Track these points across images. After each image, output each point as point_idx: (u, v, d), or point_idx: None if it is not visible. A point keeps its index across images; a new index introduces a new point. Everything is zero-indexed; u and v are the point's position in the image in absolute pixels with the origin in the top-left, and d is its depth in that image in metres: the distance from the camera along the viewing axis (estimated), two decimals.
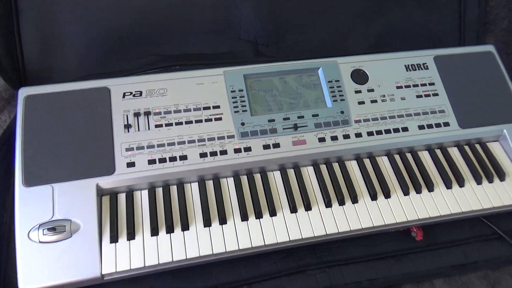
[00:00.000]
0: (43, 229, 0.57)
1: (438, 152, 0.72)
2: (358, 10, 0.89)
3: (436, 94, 0.74)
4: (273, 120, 0.68)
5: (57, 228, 0.57)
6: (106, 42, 0.78)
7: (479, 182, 0.69)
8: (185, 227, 0.60)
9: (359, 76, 0.74)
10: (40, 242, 0.57)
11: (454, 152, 0.73)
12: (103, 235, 0.59)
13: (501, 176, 0.70)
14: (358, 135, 0.69)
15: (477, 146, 0.74)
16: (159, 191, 0.64)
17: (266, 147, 0.66)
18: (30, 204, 0.59)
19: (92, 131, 0.64)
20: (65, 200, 0.59)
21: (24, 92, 0.65)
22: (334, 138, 0.68)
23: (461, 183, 0.69)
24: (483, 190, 0.69)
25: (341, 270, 0.66)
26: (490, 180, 0.70)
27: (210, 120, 0.67)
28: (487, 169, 0.71)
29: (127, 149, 0.63)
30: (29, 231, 0.57)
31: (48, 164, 0.61)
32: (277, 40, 0.85)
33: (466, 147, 0.73)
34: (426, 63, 0.77)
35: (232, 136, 0.66)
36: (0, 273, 0.60)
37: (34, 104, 0.64)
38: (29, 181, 0.60)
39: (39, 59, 0.77)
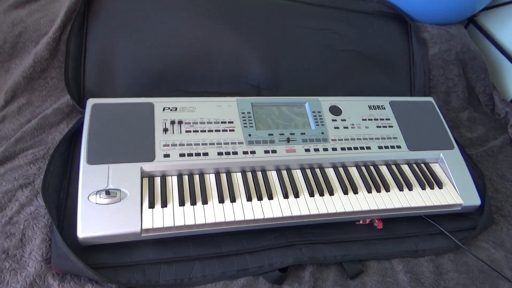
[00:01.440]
0: (100, 194, 0.77)
1: (394, 167, 0.96)
2: (337, 72, 1.18)
3: (391, 126, 1.01)
4: (272, 134, 0.92)
5: (111, 193, 0.77)
6: (147, 77, 1.04)
7: (423, 188, 0.92)
8: (204, 201, 0.81)
9: (335, 110, 1.00)
10: (96, 203, 0.76)
11: (405, 168, 0.97)
12: (143, 202, 0.78)
13: (439, 185, 0.94)
14: (334, 149, 0.93)
15: (422, 165, 0.98)
16: (186, 178, 0.84)
17: (266, 151, 0.89)
18: (91, 177, 0.79)
19: (139, 131, 0.86)
20: (117, 176, 0.79)
21: (91, 102, 0.88)
22: (316, 150, 0.92)
23: (409, 188, 0.92)
24: (426, 193, 0.92)
25: (321, 247, 0.85)
26: (431, 187, 0.93)
27: (226, 130, 0.91)
28: (429, 179, 0.94)
29: (164, 145, 0.85)
30: (89, 195, 0.76)
31: (106, 151, 0.82)
32: (275, 87, 1.12)
33: (414, 165, 0.98)
34: (383, 105, 1.04)
35: (242, 142, 0.90)
36: (60, 228, 0.77)
37: (98, 110, 0.87)
38: (91, 161, 0.80)
39: (96, 86, 1.01)
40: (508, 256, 0.91)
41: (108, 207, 0.76)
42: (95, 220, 0.74)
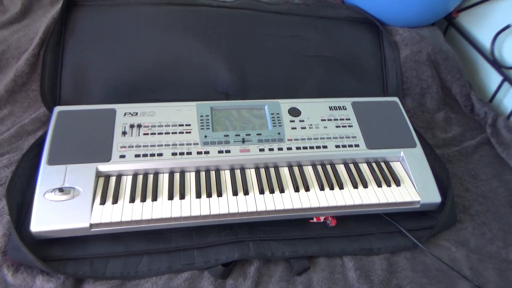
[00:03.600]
0: (55, 191, 0.82)
1: (351, 166, 0.96)
2: (306, 77, 1.20)
3: (351, 126, 1.01)
4: (228, 135, 0.95)
5: (65, 190, 0.82)
6: (119, 87, 1.09)
7: (379, 185, 0.92)
8: (154, 199, 0.84)
9: (294, 112, 1.02)
10: (51, 200, 0.81)
11: (364, 167, 0.97)
12: (95, 200, 0.83)
13: (397, 182, 0.93)
14: (289, 148, 0.95)
15: (382, 163, 0.98)
16: (140, 177, 0.88)
17: (220, 152, 0.92)
18: (49, 176, 0.84)
19: (99, 135, 0.91)
20: (73, 175, 0.85)
21: (58, 109, 0.95)
22: (271, 149, 0.94)
23: (364, 185, 0.91)
24: (382, 190, 0.91)
25: (270, 244, 0.86)
26: (388, 185, 0.92)
27: (182, 132, 0.95)
28: (386, 177, 0.94)
29: (121, 147, 0.90)
30: (45, 192, 0.82)
31: (66, 152, 0.88)
32: (244, 93, 1.15)
33: (374, 164, 0.97)
34: (345, 106, 1.05)
35: (197, 143, 0.93)
36: (19, 224, 0.83)
37: (63, 116, 0.94)
38: (50, 161, 0.86)
39: (71, 97, 1.08)
40: (469, 255, 0.88)
41: (61, 203, 0.81)
42: (47, 215, 0.79)
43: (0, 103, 1.08)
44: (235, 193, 0.87)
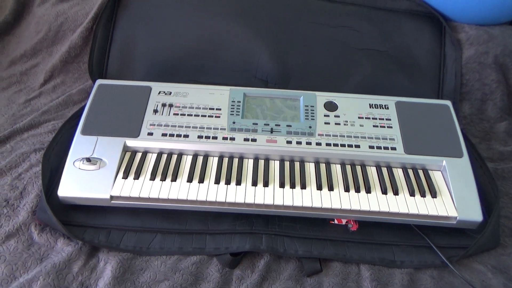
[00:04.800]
0: (83, 160, 0.86)
1: (384, 169, 0.89)
2: (352, 70, 1.13)
3: (390, 127, 0.94)
4: (256, 124, 0.93)
5: (92, 161, 0.85)
6: (162, 66, 1.12)
7: (411, 194, 0.84)
8: (173, 179, 0.85)
9: (331, 106, 0.97)
10: (79, 168, 0.85)
11: (398, 172, 0.89)
12: (119, 173, 0.85)
13: (433, 193, 0.84)
14: (319, 144, 0.90)
15: (420, 171, 0.89)
16: (164, 156, 0.89)
17: (246, 139, 0.90)
18: (80, 145, 0.88)
19: (132, 109, 0.94)
20: (102, 147, 0.88)
21: (99, 82, 0.99)
22: (299, 143, 0.90)
23: (395, 192, 0.84)
24: (414, 200, 0.83)
25: (284, 240, 0.83)
26: (423, 195, 0.84)
27: (212, 116, 0.94)
28: (421, 186, 0.86)
29: (151, 124, 0.92)
30: (75, 161, 0.86)
31: (99, 123, 0.91)
32: (284, 82, 1.12)
33: (410, 170, 0.89)
34: (387, 105, 0.97)
35: (224, 129, 0.92)
36: (50, 187, 0.88)
37: (102, 89, 0.98)
38: (84, 131, 0.90)
39: (117, 71, 1.13)
40: (508, 284, 0.78)
41: (87, 173, 0.85)
42: (74, 183, 0.83)
43: (54, 72, 1.16)
44: (254, 183, 0.85)
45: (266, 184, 0.85)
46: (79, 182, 0.83)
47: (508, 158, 1.03)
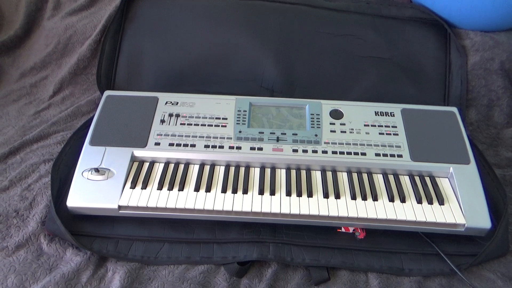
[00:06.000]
0: (92, 171, 0.87)
1: (391, 177, 0.89)
2: (358, 79, 1.13)
3: (396, 134, 0.94)
4: (262, 133, 0.93)
5: (100, 171, 0.86)
6: (170, 77, 1.13)
7: (419, 201, 0.84)
8: (181, 189, 0.85)
9: (336, 114, 0.97)
10: (87, 179, 0.86)
11: (405, 179, 0.89)
12: (126, 183, 0.86)
13: (440, 201, 0.84)
14: (325, 152, 0.91)
15: (427, 178, 0.89)
16: (171, 166, 0.90)
17: (252, 148, 0.91)
18: (89, 156, 0.89)
19: (140, 120, 0.95)
20: (110, 157, 0.89)
21: (107, 93, 1.01)
22: (305, 151, 0.91)
23: (402, 199, 0.84)
24: (421, 207, 0.83)
25: (291, 249, 0.83)
26: (430, 202, 0.84)
27: (218, 126, 0.95)
28: (428, 193, 0.85)
29: (158, 134, 0.93)
30: (83, 171, 0.87)
31: (107, 134, 0.92)
32: (290, 91, 1.12)
33: (417, 177, 0.89)
34: (393, 112, 0.98)
35: (230, 138, 0.93)
36: (59, 198, 0.89)
37: (111, 100, 0.99)
38: (92, 142, 0.91)
39: (124, 82, 1.14)
40: None
41: (96, 183, 0.86)
42: (82, 193, 0.84)
43: (63, 84, 1.18)
44: (261, 192, 0.85)
45: (272, 192, 0.85)
46: (87, 192, 0.84)
47: None
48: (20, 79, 1.22)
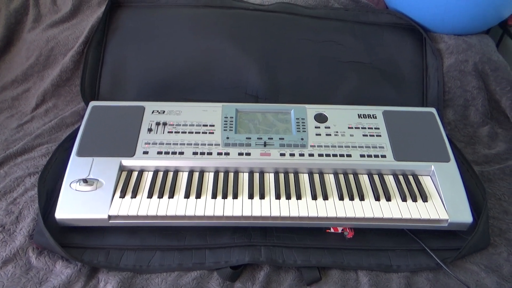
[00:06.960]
0: (80, 181, 0.86)
1: (376, 177, 0.92)
2: (340, 83, 1.16)
3: (379, 135, 0.97)
4: (250, 138, 0.95)
5: (89, 182, 0.86)
6: (154, 86, 1.13)
7: (403, 199, 0.87)
8: (171, 196, 0.86)
9: (320, 117, 1.00)
10: (76, 190, 0.85)
11: (389, 179, 0.92)
12: (115, 193, 0.86)
13: (424, 198, 0.87)
14: (311, 155, 0.93)
15: (410, 177, 0.92)
16: (160, 174, 0.91)
17: (240, 154, 0.92)
18: (76, 167, 0.89)
19: (127, 129, 0.95)
20: (98, 168, 0.89)
21: (92, 104, 1.01)
22: (292, 155, 0.93)
23: (387, 198, 0.87)
24: (406, 205, 0.86)
25: (282, 251, 0.84)
26: (414, 200, 0.87)
27: (206, 133, 0.96)
28: (412, 191, 0.88)
29: (145, 143, 0.93)
30: (71, 182, 0.87)
31: (94, 144, 0.92)
32: (273, 97, 1.14)
33: (400, 176, 0.92)
34: (375, 114, 1.01)
35: (218, 144, 0.94)
36: (47, 210, 0.88)
37: (96, 111, 0.99)
38: (79, 153, 0.91)
39: (109, 93, 1.14)
40: (501, 283, 0.81)
41: (84, 194, 0.85)
42: (71, 204, 0.84)
43: (46, 96, 1.17)
44: (250, 196, 0.86)
45: (262, 196, 0.86)
46: (76, 203, 0.84)
47: (493, 161, 1.07)
48: (1, 92, 1.20)
